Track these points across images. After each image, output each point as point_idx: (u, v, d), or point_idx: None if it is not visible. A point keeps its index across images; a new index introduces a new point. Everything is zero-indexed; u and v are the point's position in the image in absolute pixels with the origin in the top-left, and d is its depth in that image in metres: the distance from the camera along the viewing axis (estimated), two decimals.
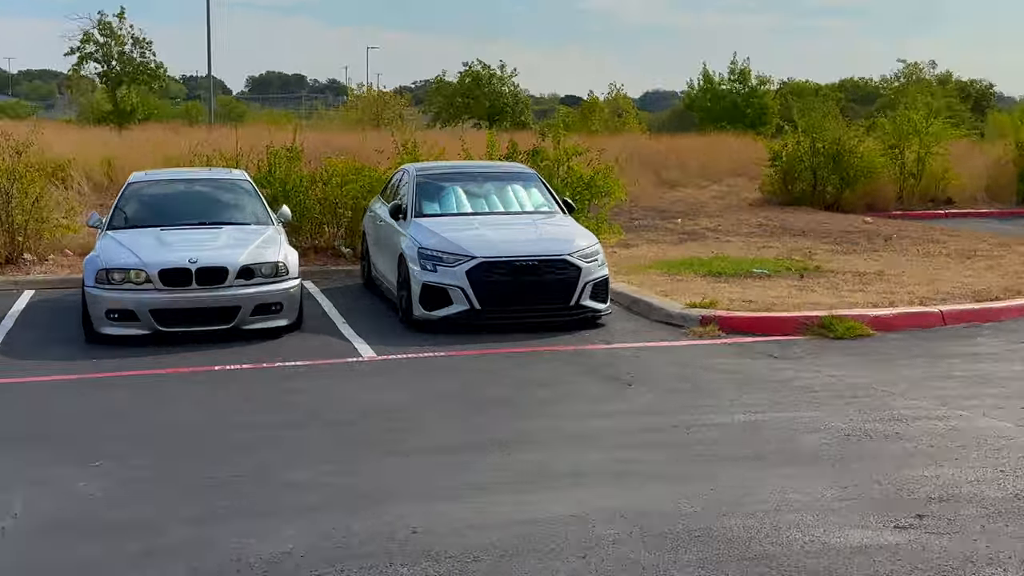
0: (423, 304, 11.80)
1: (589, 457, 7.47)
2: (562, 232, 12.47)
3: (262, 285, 11.53)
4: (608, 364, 10.29)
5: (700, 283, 14.11)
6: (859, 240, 19.01)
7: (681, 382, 9.59)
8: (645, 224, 21.44)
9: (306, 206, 16.72)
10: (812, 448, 7.59)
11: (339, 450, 7.70)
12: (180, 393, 9.46)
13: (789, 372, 9.91)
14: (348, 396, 9.29)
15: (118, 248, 11.69)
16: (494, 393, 9.31)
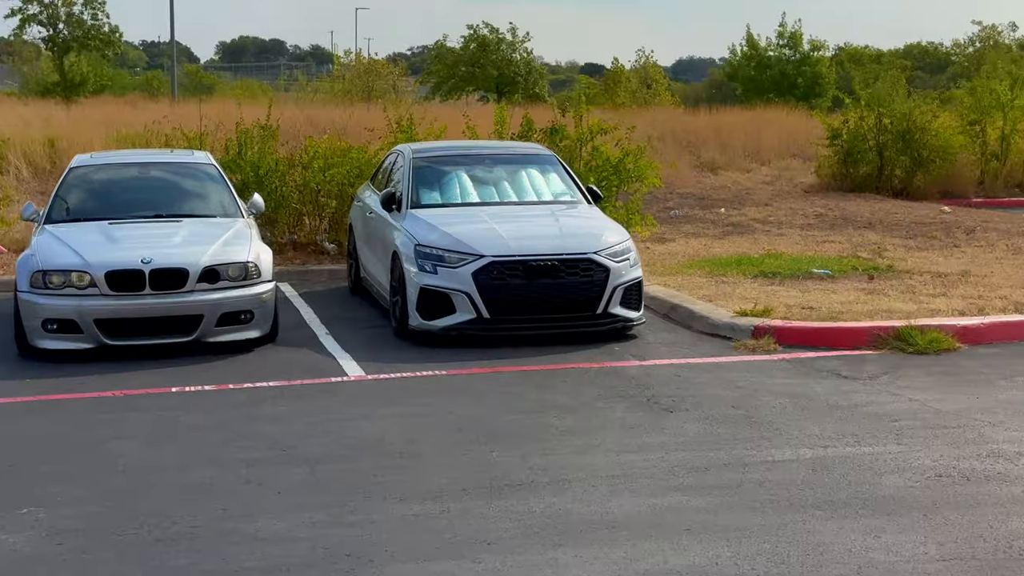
0: (421, 312, 11.41)
1: (623, 503, 7.05)
2: (587, 226, 12.07)
3: (229, 290, 11.15)
4: (643, 385, 9.88)
5: (750, 286, 13.70)
6: (936, 233, 18.56)
7: (732, 408, 9.17)
8: (683, 214, 21.04)
9: (283, 194, 16.35)
10: (897, 492, 7.16)
11: (317, 494, 7.28)
12: (128, 422, 9.05)
13: (862, 396, 9.49)
14: (329, 426, 8.87)
15: (57, 246, 11.32)
16: (506, 422, 8.90)
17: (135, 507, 7.10)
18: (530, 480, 7.50)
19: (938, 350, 10.95)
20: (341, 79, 54.42)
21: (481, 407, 9.33)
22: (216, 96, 46.23)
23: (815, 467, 7.68)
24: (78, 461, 8.08)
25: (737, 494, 7.19)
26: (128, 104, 33.90)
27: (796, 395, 9.53)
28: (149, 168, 13.25)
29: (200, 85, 67.04)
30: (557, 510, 6.93)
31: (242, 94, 41.94)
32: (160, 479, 7.67)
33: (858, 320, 11.65)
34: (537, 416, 9.05)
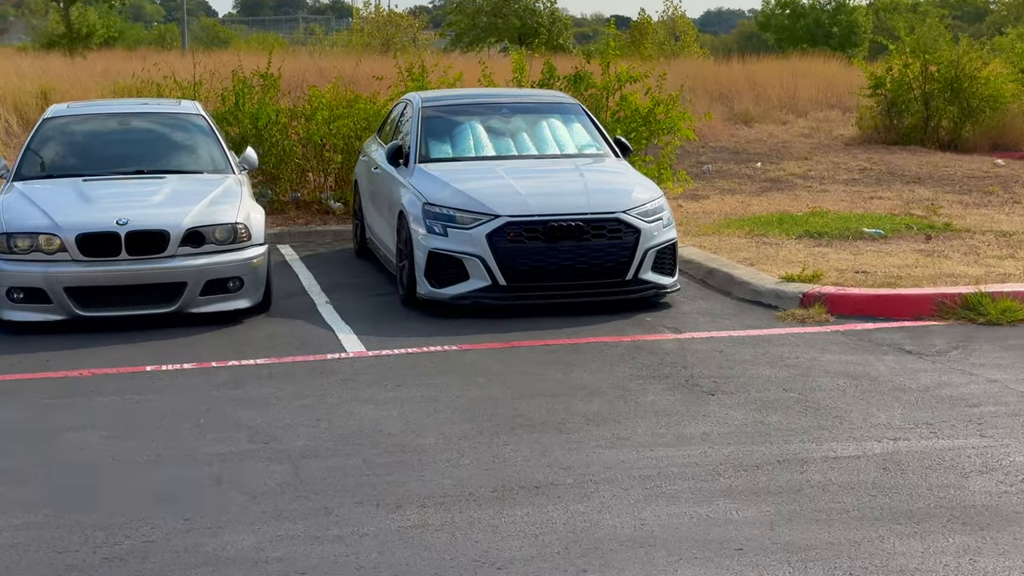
0: (430, 278, 10.33)
1: (660, 513, 5.96)
2: (615, 182, 10.94)
3: (215, 254, 10.11)
4: (680, 364, 8.77)
5: (795, 247, 12.56)
6: (993, 188, 17.37)
7: (783, 391, 8.06)
8: (717, 169, 19.85)
9: (284, 149, 15.30)
10: (988, 500, 6.05)
11: (298, 499, 6.21)
12: (93, 407, 8.01)
13: (932, 375, 8.37)
14: (321, 413, 7.80)
15: (25, 205, 10.29)
16: (524, 408, 7.80)
17: (84, 516, 6.06)
18: (549, 482, 6.43)
19: (1012, 320, 9.83)
20: (360, 32, 53.18)
21: (495, 389, 8.25)
22: (230, 49, 45.09)
23: (886, 465, 6.57)
24: (27, 456, 7.05)
25: (797, 501, 6.09)
26: (138, 57, 32.60)
27: (855, 375, 8.42)
28: (130, 119, 12.15)
29: (216, 39, 66.00)
30: (581, 522, 5.86)
31: (257, 48, 40.93)
32: (118, 480, 6.65)
33: (920, 286, 10.51)
34: (559, 401, 7.95)
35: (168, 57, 30.62)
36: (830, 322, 9.91)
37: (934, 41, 24.77)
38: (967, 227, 13.77)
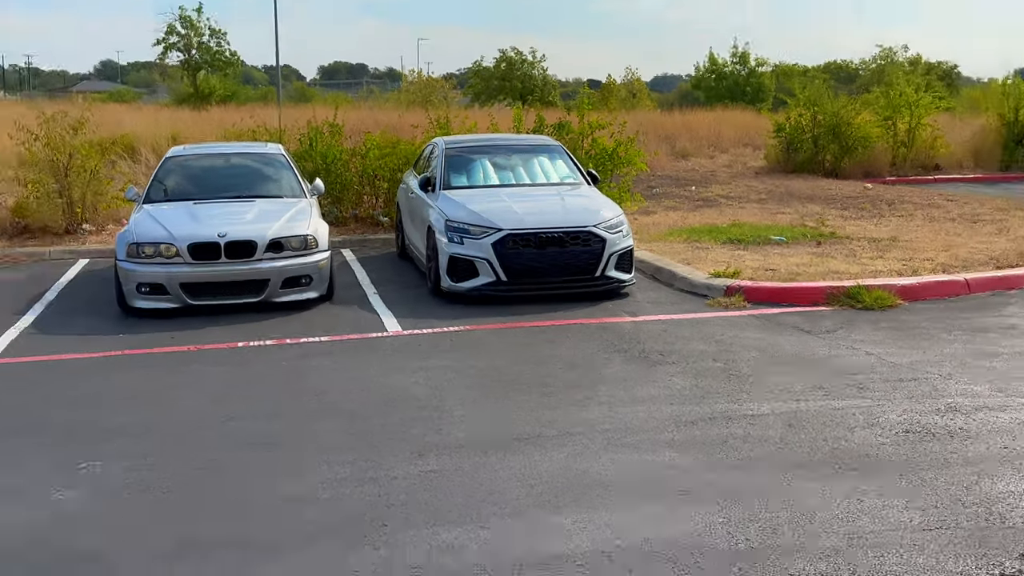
0: (450, 275, 9.93)
1: (619, 459, 5.60)
2: (587, 203, 10.50)
3: (291, 258, 9.69)
4: (635, 340, 8.37)
5: (721, 251, 12.13)
6: (864, 205, 16.88)
7: (712, 361, 7.66)
8: (662, 192, 19.39)
9: (345, 179, 14.83)
10: (871, 449, 5.67)
11: (349, 450, 5.84)
12: (197, 375, 7.65)
13: (824, 349, 7.97)
14: (367, 379, 7.42)
15: (150, 222, 9.88)
16: (519, 375, 7.42)
17: (187, 464, 5.72)
18: (537, 434, 6.06)
19: (883, 307, 9.40)
20: (407, 92, 52.55)
21: (498, 360, 7.86)
22: (312, 105, 44.54)
23: (791, 422, 6.19)
24: (144, 414, 6.68)
25: (723, 451, 5.72)
26: (245, 111, 32.11)
27: (766, 349, 8.02)
28: (230, 157, 11.68)
29: (303, 97, 65.24)
30: (560, 468, 5.49)
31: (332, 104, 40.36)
32: (215, 433, 6.28)
33: (814, 280, 10.09)
34: (546, 369, 7.57)
35: (267, 111, 30.11)
36: (747, 308, 9.49)
37: (820, 97, 24.09)
38: (847, 235, 13.33)
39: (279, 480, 5.40)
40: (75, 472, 5.56)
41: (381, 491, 5.18)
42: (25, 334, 8.99)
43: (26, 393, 7.24)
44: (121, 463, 5.69)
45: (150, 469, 5.60)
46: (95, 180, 14.06)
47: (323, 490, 5.22)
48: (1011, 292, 10.16)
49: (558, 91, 54.83)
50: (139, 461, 5.72)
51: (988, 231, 13.71)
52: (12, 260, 12.88)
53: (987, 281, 10.34)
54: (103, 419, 6.56)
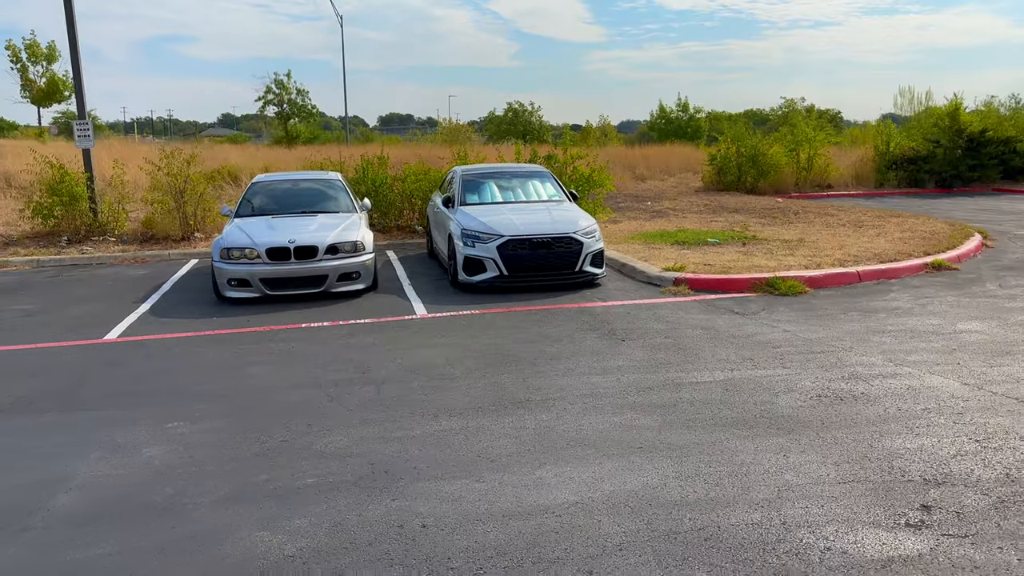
0: (465, 271, 9.36)
1: (593, 422, 5.04)
2: (569, 215, 9.89)
3: (344, 259, 9.13)
4: (605, 321, 7.80)
5: (670, 251, 11.51)
6: (777, 215, 16.19)
7: (665, 338, 7.09)
8: (626, 206, 18.72)
9: (390, 198, 14.24)
10: (792, 411, 5.09)
11: (375, 411, 5.31)
12: (268, 350, 7.11)
13: (751, 327, 7.38)
14: (396, 353, 6.87)
15: (238, 232, 9.32)
16: (515, 350, 6.86)
17: (250, 424, 5.18)
18: (526, 399, 5.50)
19: (795, 293, 8.80)
20: (441, 134, 51.81)
21: (498, 338, 7.29)
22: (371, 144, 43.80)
23: (728, 388, 5.62)
24: (223, 382, 6.14)
25: (674, 412, 5.15)
26: (323, 149, 31.47)
27: (706, 327, 7.44)
28: (300, 182, 11.02)
29: (366, 139, 64.46)
30: (544, 427, 4.94)
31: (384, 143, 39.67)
32: (274, 398, 5.74)
33: (741, 273, 9.48)
34: (536, 345, 7.00)
35: (335, 149, 29.48)
36: (691, 295, 8.90)
37: (742, 135, 23.39)
38: (765, 238, 12.68)
39: (319, 438, 4.86)
40: (163, 432, 5.04)
41: (401, 448, 4.65)
42: (141, 319, 8.46)
43: (137, 365, 6.72)
44: (201, 424, 5.16)
45: (221, 431, 5.07)
46: (204, 199, 13.50)
47: (356, 446, 4.68)
48: (892, 281, 9.53)
49: (550, 132, 53.80)
50: (215, 422, 5.19)
51: (871, 234, 13.04)
52: (141, 261, 12.35)
53: (874, 272, 9.71)
54: (192, 386, 6.03)
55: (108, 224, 13.62)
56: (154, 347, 7.28)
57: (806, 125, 24.77)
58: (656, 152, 31.43)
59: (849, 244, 11.77)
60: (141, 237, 13.49)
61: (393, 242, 13.49)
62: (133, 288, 10.10)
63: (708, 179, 23.50)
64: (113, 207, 13.64)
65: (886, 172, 24.38)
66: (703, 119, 49.17)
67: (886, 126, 25.39)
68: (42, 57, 33.70)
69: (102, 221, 13.55)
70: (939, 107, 26.44)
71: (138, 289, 10.03)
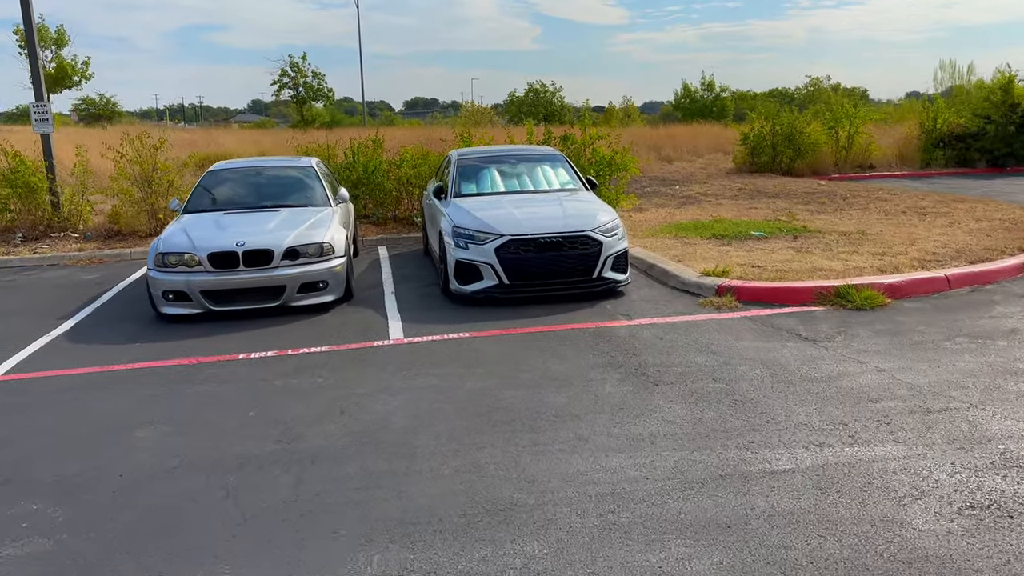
0: (457, 278, 7.34)
1: (614, 562, 3.01)
2: (585, 208, 7.79)
3: (307, 265, 7.15)
4: (631, 351, 5.73)
5: (707, 247, 9.37)
6: (824, 200, 13.93)
7: (714, 381, 5.02)
8: (652, 191, 16.52)
9: (385, 186, 12.21)
10: (938, 545, 3.01)
11: (278, 529, 3.33)
12: (181, 397, 5.15)
13: (830, 364, 5.27)
14: (346, 404, 4.88)
15: (177, 233, 7.38)
16: (508, 400, 4.84)
17: (88, 549, 3.22)
18: (513, 502, 3.50)
19: (873, 306, 6.68)
20: (463, 117, 49.71)
21: (488, 378, 5.27)
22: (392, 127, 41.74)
23: (822, 486, 3.55)
24: (92, 457, 4.23)
25: (747, 544, 3.09)
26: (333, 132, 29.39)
27: (769, 363, 5.35)
28: (264, 170, 8.98)
29: (390, 123, 62.53)
30: (535, 570, 2.91)
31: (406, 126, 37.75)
32: (147, 491, 3.80)
33: (801, 279, 7.35)
34: (536, 392, 4.97)
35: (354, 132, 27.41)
36: (738, 308, 6.82)
37: (777, 112, 21.03)
38: (818, 228, 10.50)
39: (184, 559, 2.90)
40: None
41: None
42: (51, 345, 6.57)
43: (4, 416, 4.81)
44: (18, 548, 3.23)
45: (39, 564, 3.13)
46: (175, 190, 11.58)
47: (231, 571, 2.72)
48: (989, 287, 7.34)
49: (572, 113, 51.50)
50: (41, 544, 3.25)
51: (941, 223, 10.78)
52: (98, 261, 10.49)
53: (965, 276, 7.51)
54: (45, 464, 4.11)
55: (71, 218, 11.79)
56: (37, 391, 5.38)
57: (846, 101, 22.23)
58: (683, 132, 29.07)
59: (921, 237, 9.55)
60: (105, 233, 11.64)
61: (387, 236, 11.50)
62: (70, 298, 8.24)
63: (740, 160, 21.16)
64: (75, 199, 11.79)
65: (932, 151, 21.83)
66: (728, 98, 46.48)
67: (934, 102, 22.77)
68: (51, 42, 32.04)
69: (64, 215, 11.72)
70: (986, 82, 23.79)
71: (74, 299, 8.16)
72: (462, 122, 46.12)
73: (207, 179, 8.66)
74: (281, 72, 37.95)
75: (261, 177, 8.79)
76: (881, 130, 24.79)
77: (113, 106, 45.96)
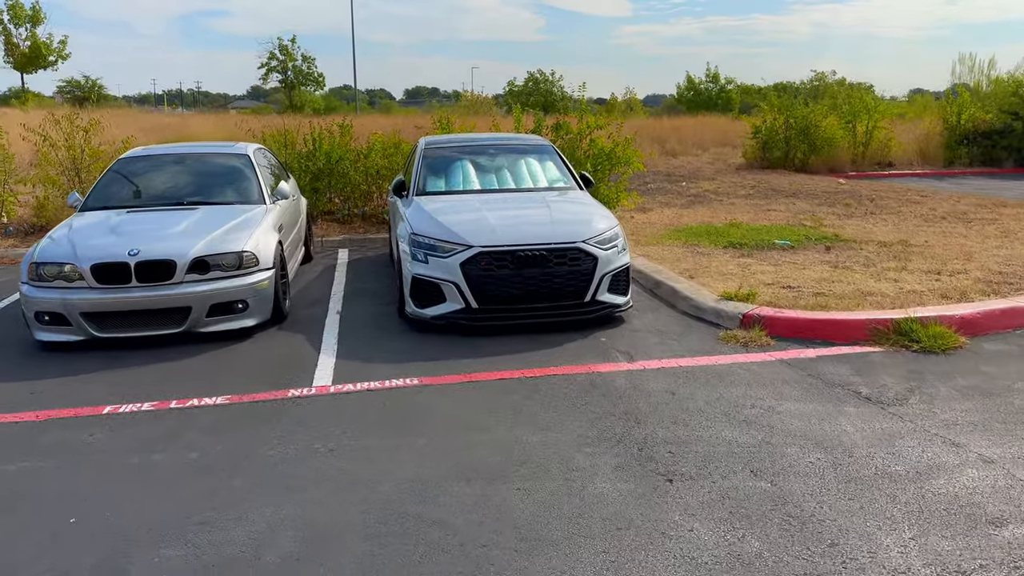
0: (415, 299, 5.77)
1: None
2: (577, 213, 6.19)
3: (221, 280, 5.57)
4: (634, 416, 4.15)
5: (724, 258, 7.79)
6: (848, 201, 12.32)
7: (752, 476, 3.45)
8: (656, 187, 14.90)
9: (353, 179, 10.60)
10: None
11: None
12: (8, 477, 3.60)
13: (912, 446, 3.69)
14: (217, 504, 3.31)
15: (60, 238, 5.79)
16: (450, 507, 3.26)
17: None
18: None
19: (945, 348, 5.11)
20: (461, 106, 48.00)
21: (431, 461, 3.69)
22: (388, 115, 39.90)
23: None
24: None
25: None
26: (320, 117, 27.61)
27: (827, 443, 3.77)
28: (186, 159, 7.33)
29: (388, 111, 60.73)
30: None
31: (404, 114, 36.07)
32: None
33: (847, 307, 5.76)
34: (495, 490, 3.39)
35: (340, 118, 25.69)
36: (771, 346, 5.25)
37: (791, 104, 19.39)
38: (852, 237, 8.92)
39: None
40: None
41: None
42: None
43: None
44: None
45: None
46: None
47: None
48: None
49: (573, 105, 49.83)
50: None
51: (994, 233, 9.20)
52: (9, 261, 8.90)
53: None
54: None
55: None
56: None
57: (865, 94, 20.60)
58: (688, 124, 27.43)
59: (976, 251, 7.98)
60: (28, 228, 10.04)
61: (352, 237, 9.90)
62: None
63: (751, 155, 19.53)
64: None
65: (956, 148, 20.24)
66: (734, 90, 44.75)
67: (959, 97, 21.13)
68: (25, 19, 30.30)
69: None
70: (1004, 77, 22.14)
71: None
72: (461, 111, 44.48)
73: (116, 169, 7.06)
74: (270, 56, 36.23)
75: (182, 167, 7.17)
76: (899, 126, 23.19)
77: (99, 88, 44.19)
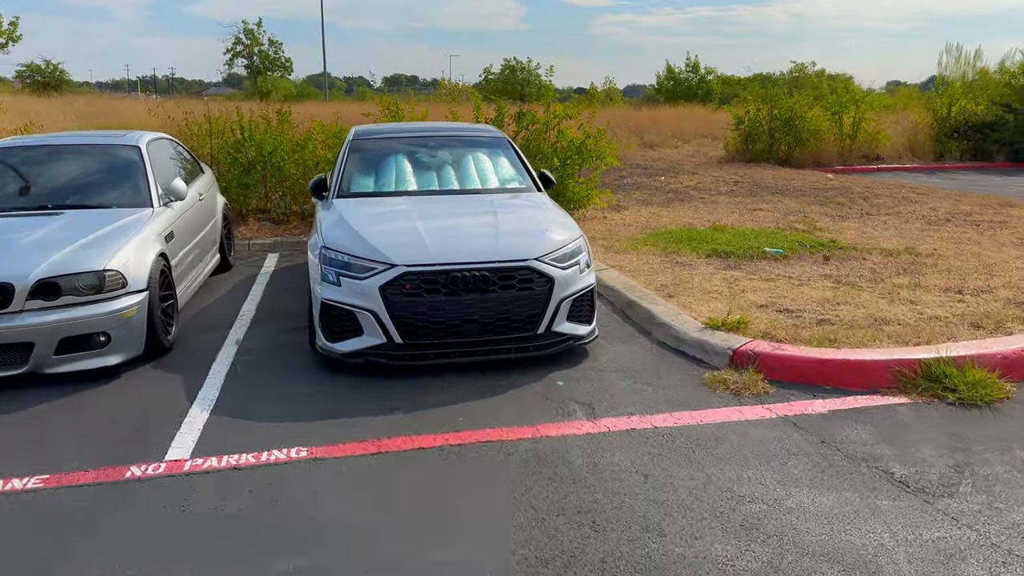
0: (325, 330, 4.54)
1: None
2: (531, 222, 4.99)
3: (74, 307, 4.32)
4: (591, 515, 2.98)
5: (708, 270, 6.63)
6: (841, 200, 11.23)
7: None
8: (633, 182, 13.72)
9: (286, 172, 9.31)
10: None
11: None
12: None
13: (976, 572, 2.57)
14: None
15: None
16: None
17: None
18: None
19: (987, 399, 4.00)
20: (438, 95, 46.54)
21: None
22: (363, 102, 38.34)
23: None
24: None
25: None
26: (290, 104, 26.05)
27: (859, 567, 2.61)
28: (61, 152, 5.98)
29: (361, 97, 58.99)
30: None
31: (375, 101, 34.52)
32: None
33: (860, 341, 4.64)
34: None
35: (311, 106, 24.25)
36: (770, 396, 4.11)
37: (775, 94, 18.31)
38: (851, 244, 7.82)
39: None
40: None
41: None
42: None
43: None
44: None
45: None
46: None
47: None
48: None
49: (553, 95, 48.62)
50: None
51: (1009, 239, 8.15)
52: None
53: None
54: None
55: None
56: None
57: (852, 85, 19.58)
58: (667, 114, 26.29)
59: (996, 261, 6.91)
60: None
61: (284, 239, 8.63)
62: None
63: (733, 147, 18.43)
64: None
65: (946, 141, 19.31)
66: (714, 81, 43.65)
67: (949, 88, 20.18)
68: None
69: None
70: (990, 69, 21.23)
71: None
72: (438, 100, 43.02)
73: None
74: (235, 40, 34.53)
75: (55, 162, 5.86)
76: (885, 118, 22.24)
77: (60, 73, 42.19)
